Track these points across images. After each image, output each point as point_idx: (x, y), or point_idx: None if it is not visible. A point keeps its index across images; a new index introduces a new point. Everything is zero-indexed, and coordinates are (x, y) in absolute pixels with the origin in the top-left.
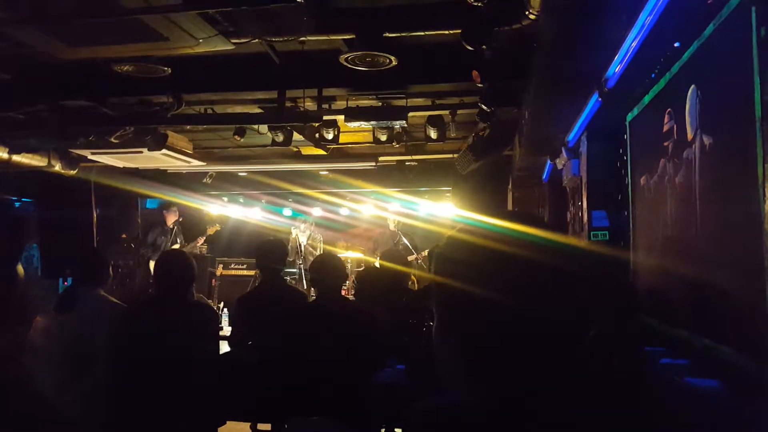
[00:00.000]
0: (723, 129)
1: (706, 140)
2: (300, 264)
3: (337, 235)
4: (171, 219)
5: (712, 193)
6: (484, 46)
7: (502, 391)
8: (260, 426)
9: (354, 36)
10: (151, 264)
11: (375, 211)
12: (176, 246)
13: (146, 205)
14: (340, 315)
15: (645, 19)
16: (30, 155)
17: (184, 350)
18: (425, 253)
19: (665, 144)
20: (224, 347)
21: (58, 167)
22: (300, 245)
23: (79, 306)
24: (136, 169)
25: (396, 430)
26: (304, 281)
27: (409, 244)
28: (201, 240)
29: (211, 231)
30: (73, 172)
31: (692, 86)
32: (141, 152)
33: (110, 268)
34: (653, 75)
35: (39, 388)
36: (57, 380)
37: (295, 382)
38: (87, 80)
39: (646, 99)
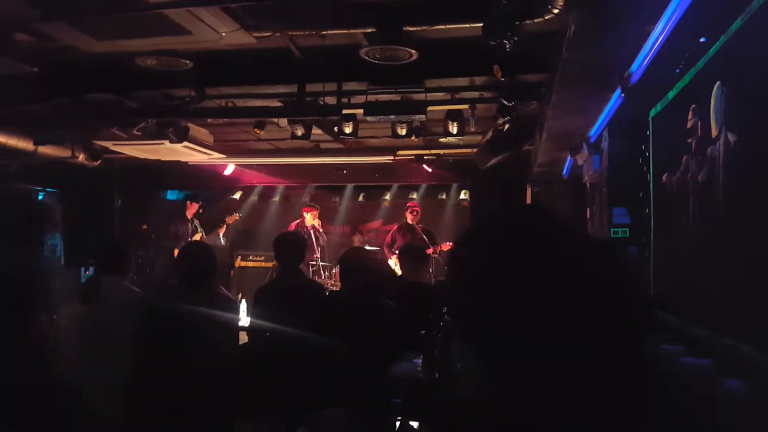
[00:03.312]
0: (748, 126)
1: (731, 137)
2: (317, 256)
3: (354, 228)
4: (191, 210)
5: (736, 190)
6: (505, 41)
7: (519, 389)
8: (278, 417)
9: (374, 30)
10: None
11: (392, 205)
12: (197, 236)
13: (167, 196)
14: (358, 307)
15: (671, 13)
16: (54, 147)
17: (205, 340)
18: (445, 246)
19: (688, 141)
20: (243, 338)
21: (81, 158)
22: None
23: (102, 295)
24: (158, 160)
25: (411, 422)
26: (322, 273)
27: (426, 239)
28: (222, 230)
29: (230, 220)
30: (96, 163)
31: (717, 82)
32: (162, 144)
33: (131, 259)
34: (678, 70)
35: (61, 378)
36: (81, 368)
37: (311, 373)
38: (111, 74)
39: (671, 95)
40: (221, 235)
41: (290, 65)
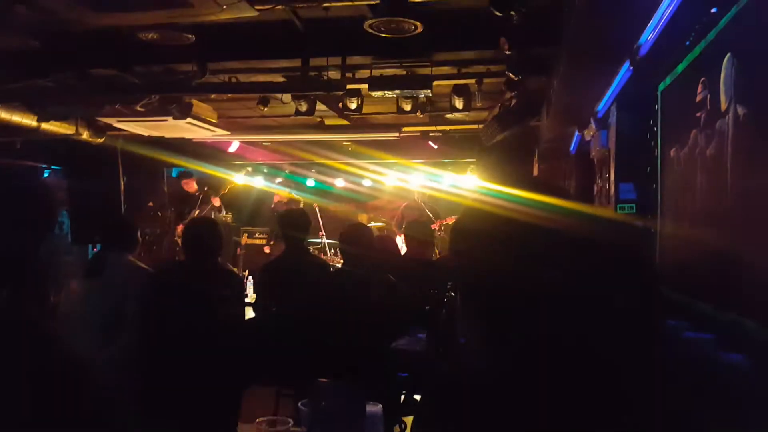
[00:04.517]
0: (758, 99)
1: (741, 111)
2: (322, 234)
3: (360, 206)
4: (192, 188)
5: (744, 165)
6: (512, 12)
7: (519, 358)
8: (284, 390)
9: (379, 1)
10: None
11: (398, 183)
12: (195, 213)
13: (173, 174)
14: (363, 283)
15: None
16: (58, 123)
17: (211, 316)
18: (449, 220)
19: (697, 115)
20: (249, 313)
21: (85, 135)
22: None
23: (109, 271)
24: (162, 137)
25: (416, 396)
26: (327, 251)
27: (432, 216)
28: (216, 200)
29: (225, 189)
30: (100, 140)
31: (728, 54)
32: (166, 120)
33: (138, 235)
34: (688, 42)
35: (72, 349)
36: (88, 343)
37: (317, 348)
38: (113, 48)
39: (680, 68)
40: (218, 204)
41: (293, 39)
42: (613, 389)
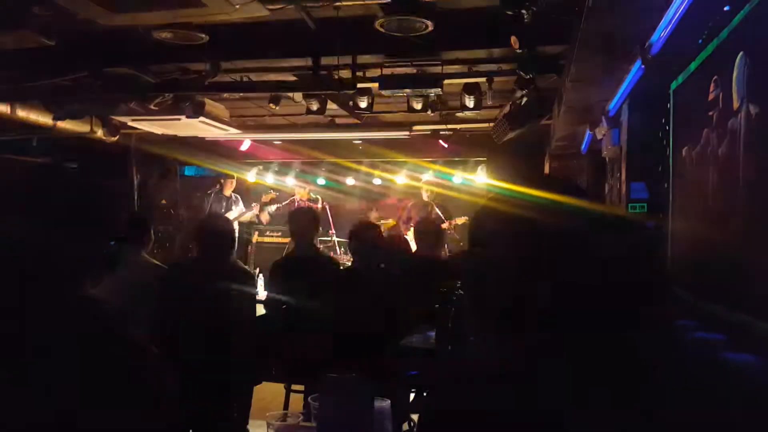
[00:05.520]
0: None
1: (753, 110)
2: (332, 232)
3: (370, 204)
4: (228, 188)
5: (756, 164)
6: (523, 11)
7: (529, 358)
8: (294, 386)
9: (389, 0)
10: None
11: (408, 181)
12: (231, 213)
13: (185, 172)
14: (372, 281)
15: None
16: (73, 121)
17: (222, 312)
18: (459, 220)
19: (710, 114)
20: (260, 310)
21: (100, 133)
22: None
23: (122, 267)
24: (175, 136)
25: (425, 394)
26: (337, 249)
27: (441, 214)
28: (257, 207)
29: (266, 198)
30: (114, 139)
31: (741, 53)
32: (179, 119)
33: (151, 232)
34: (700, 41)
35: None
36: None
37: (327, 344)
38: (127, 47)
39: (692, 66)
40: (257, 212)
41: (304, 38)
42: (622, 390)
